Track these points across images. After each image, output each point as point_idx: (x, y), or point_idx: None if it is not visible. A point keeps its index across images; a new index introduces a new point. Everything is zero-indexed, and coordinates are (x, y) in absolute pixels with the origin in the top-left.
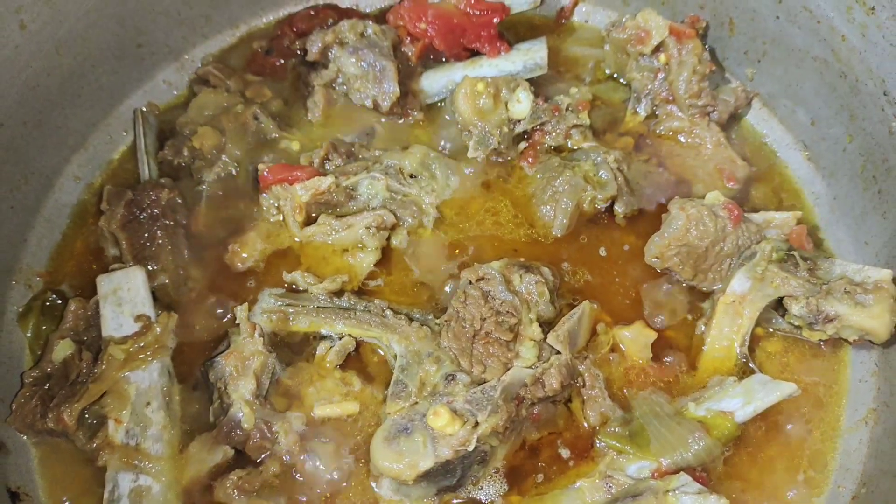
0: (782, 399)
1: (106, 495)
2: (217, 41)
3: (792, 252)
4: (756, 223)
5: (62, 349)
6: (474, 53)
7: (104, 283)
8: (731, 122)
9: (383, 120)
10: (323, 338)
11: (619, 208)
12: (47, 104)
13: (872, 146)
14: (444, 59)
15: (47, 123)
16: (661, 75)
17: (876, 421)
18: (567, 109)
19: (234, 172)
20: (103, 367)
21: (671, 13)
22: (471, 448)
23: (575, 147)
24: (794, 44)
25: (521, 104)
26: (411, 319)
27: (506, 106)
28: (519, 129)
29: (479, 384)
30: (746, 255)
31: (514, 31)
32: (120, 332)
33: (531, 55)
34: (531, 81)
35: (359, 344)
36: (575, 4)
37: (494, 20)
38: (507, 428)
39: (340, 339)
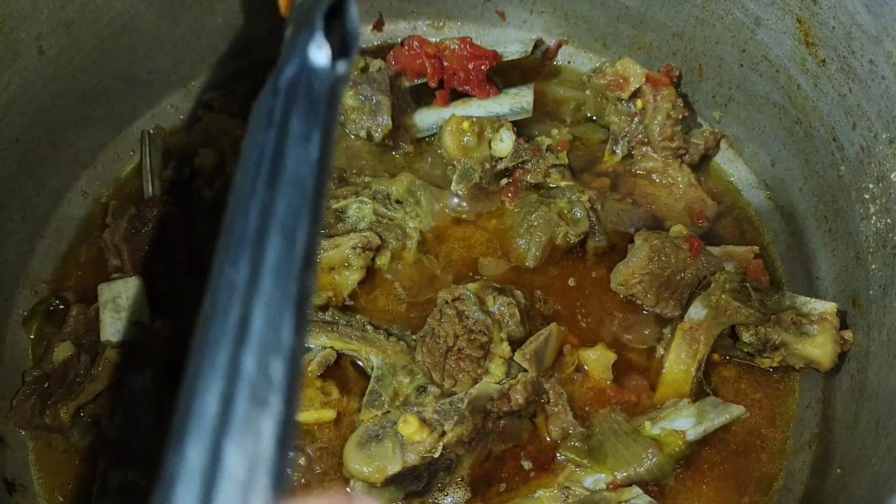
0: (732, 420)
1: (96, 488)
2: (223, 70)
3: (745, 283)
4: (716, 255)
5: (62, 351)
6: (465, 95)
7: (105, 290)
8: (702, 164)
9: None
10: (307, 349)
11: (590, 244)
12: (61, 124)
13: (824, 188)
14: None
15: (60, 142)
16: (637, 119)
17: (819, 444)
18: (547, 150)
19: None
20: (100, 369)
21: (646, 58)
22: (437, 455)
23: (553, 185)
24: (756, 90)
25: (504, 143)
26: (389, 334)
27: (489, 144)
28: (500, 166)
29: (449, 396)
30: (703, 285)
31: (501, 73)
32: (117, 337)
33: (518, 100)
34: (514, 123)
35: (339, 356)
36: (559, 46)
37: (484, 67)
38: (472, 438)
39: (322, 350)
